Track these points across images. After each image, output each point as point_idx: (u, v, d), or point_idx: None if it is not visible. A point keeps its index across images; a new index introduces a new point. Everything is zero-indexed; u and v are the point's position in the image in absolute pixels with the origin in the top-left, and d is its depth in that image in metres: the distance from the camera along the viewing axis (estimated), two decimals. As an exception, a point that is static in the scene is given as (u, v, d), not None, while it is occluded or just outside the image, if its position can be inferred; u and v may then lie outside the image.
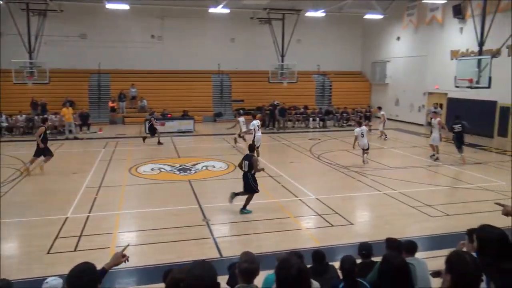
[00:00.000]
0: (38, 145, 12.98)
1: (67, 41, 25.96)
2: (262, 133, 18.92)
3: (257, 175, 9.42)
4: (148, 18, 27.09)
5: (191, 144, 19.75)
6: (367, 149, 14.59)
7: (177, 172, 13.44)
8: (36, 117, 21.52)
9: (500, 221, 8.52)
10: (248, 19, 26.70)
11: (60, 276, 4.00)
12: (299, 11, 24.97)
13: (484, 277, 2.75)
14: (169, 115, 23.56)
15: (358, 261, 4.86)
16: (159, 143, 18.41)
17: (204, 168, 14.04)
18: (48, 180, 12.34)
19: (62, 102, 22.14)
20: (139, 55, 27.30)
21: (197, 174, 13.24)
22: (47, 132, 13.84)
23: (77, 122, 21.61)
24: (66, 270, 2.66)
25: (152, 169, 13.83)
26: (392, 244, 4.94)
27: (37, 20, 22.30)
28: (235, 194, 9.55)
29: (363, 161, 14.52)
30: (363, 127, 14.99)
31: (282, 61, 25.70)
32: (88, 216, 9.12)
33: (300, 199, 10.44)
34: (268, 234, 8.31)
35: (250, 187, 9.40)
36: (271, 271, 4.48)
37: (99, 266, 2.77)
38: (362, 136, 14.48)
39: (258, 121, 15.88)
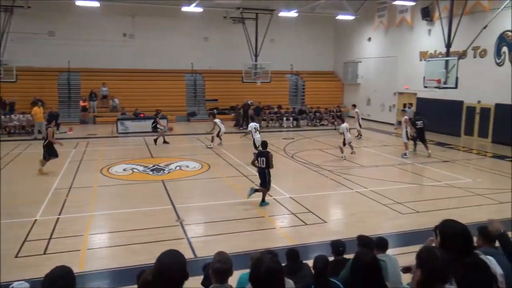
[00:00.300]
0: (46, 146, 12.85)
1: (35, 39, 25.22)
2: (235, 132, 19.00)
3: (228, 175, 9.44)
4: (119, 16, 26.63)
5: (164, 144, 19.54)
6: (350, 142, 15.93)
7: (150, 173, 13.28)
8: (3, 117, 20.83)
9: (466, 217, 8.82)
10: (221, 18, 26.62)
11: (28, 280, 3.89)
12: (272, 11, 25.07)
13: None
14: (141, 115, 23.24)
15: (332, 258, 4.93)
16: (165, 142, 18.55)
17: (177, 168, 13.93)
18: (16, 182, 11.97)
19: (30, 101, 21.49)
20: (110, 54, 26.81)
21: (171, 174, 13.12)
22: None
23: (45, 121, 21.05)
24: (34, 274, 2.61)
25: (124, 170, 13.61)
26: (363, 241, 5.03)
27: (3, 17, 21.57)
28: (255, 190, 9.90)
29: (352, 152, 16.02)
30: (346, 124, 16.13)
31: (256, 61, 25.75)
32: (58, 219, 8.90)
33: (274, 198, 10.49)
34: (243, 233, 8.32)
35: (265, 183, 9.87)
36: (246, 271, 4.50)
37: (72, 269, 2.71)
38: (347, 131, 15.60)
39: (255, 124, 16.38)
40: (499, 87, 18.67)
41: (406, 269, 4.50)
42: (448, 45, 17.88)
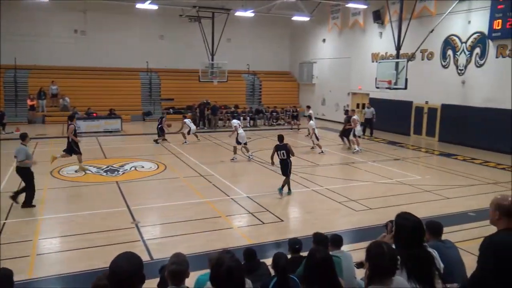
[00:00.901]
0: (73, 142, 13.12)
1: (-22, 34, 23.84)
2: (192, 133, 18.88)
3: (185, 175, 9.37)
4: (70, 12, 25.68)
5: (119, 144, 19.06)
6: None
7: (104, 174, 12.91)
8: None
9: (415, 213, 9.19)
10: (177, 16, 26.28)
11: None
12: (228, 11, 25.04)
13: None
14: (94, 114, 22.53)
15: (289, 256, 5.01)
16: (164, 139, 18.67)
17: (132, 168, 13.62)
18: (-43, 186, 11.27)
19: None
20: (60, 51, 25.78)
21: (125, 175, 12.81)
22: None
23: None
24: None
25: (76, 171, 13.15)
26: (319, 238, 5.15)
27: None
28: (282, 187, 10.68)
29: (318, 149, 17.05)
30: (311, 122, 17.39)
31: (212, 60, 25.64)
32: (4, 223, 8.47)
33: (231, 198, 10.51)
34: (200, 234, 8.27)
35: (287, 172, 10.77)
36: (204, 272, 4.49)
37: (19, 275, 2.60)
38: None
39: (238, 121, 16.78)
40: (445, 88, 19.65)
41: (360, 264, 4.66)
42: (398, 48, 18.61)
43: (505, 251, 3.04)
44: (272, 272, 4.39)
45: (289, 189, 11.00)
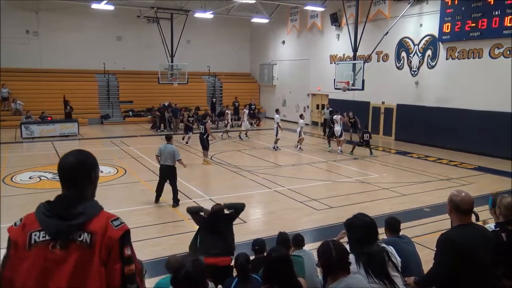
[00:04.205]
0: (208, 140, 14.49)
1: None
2: (152, 135, 18.57)
3: (146, 179, 9.21)
4: (21, 12, 24.64)
5: (75, 148, 18.46)
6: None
7: (61, 180, 12.44)
8: None
9: (375, 210, 9.49)
10: (135, 17, 25.82)
11: None
12: (187, 12, 24.86)
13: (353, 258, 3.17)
14: (49, 118, 21.72)
15: (253, 257, 5.05)
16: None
17: (91, 173, 13.21)
18: None
19: None
20: (11, 52, 24.63)
21: (84, 180, 12.41)
22: None
23: None
24: None
25: (30, 178, 12.63)
26: (282, 239, 5.21)
27: None
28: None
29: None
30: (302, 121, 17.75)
31: (172, 62, 25.37)
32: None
33: (193, 201, 10.42)
34: (163, 238, 8.17)
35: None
36: (165, 276, 4.43)
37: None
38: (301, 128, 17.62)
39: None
40: (400, 88, 20.37)
41: (321, 263, 4.75)
42: (355, 49, 19.11)
43: (461, 248, 3.22)
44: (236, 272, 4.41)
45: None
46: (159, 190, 10.18)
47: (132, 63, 27.83)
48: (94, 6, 22.26)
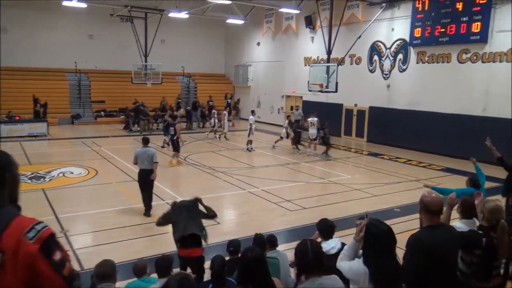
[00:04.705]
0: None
1: None
2: (125, 135, 18.28)
3: (118, 180, 9.05)
4: (-14, 7, 23.79)
5: (45, 149, 18.00)
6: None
7: (29, 181, 12.10)
8: None
9: (347, 210, 9.61)
10: (108, 15, 25.36)
11: None
12: (162, 11, 24.61)
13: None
14: (17, 117, 21.08)
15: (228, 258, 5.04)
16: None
17: (60, 175, 12.91)
18: None
19: None
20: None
21: (53, 181, 12.12)
22: None
23: None
24: None
25: None
26: (258, 240, 5.22)
27: None
28: None
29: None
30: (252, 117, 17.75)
31: (146, 61, 25.05)
32: None
33: (167, 202, 10.31)
34: (135, 240, 8.05)
35: None
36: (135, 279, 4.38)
37: None
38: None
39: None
40: (372, 91, 20.75)
41: (294, 263, 4.79)
42: (329, 52, 19.35)
43: (430, 249, 3.28)
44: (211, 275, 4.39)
45: None
46: (146, 200, 9.44)
47: (105, 62, 27.31)
48: (66, 3, 21.74)
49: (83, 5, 22.20)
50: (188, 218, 5.97)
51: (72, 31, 26.36)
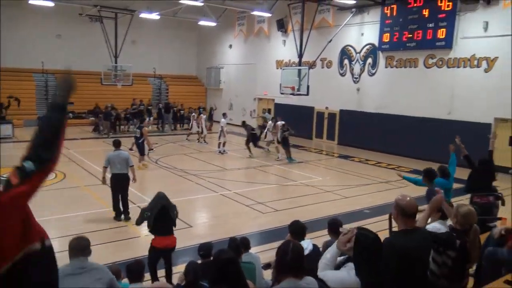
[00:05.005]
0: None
1: None
2: (94, 138, 17.89)
3: (86, 183, 8.86)
4: None
5: (10, 152, 17.38)
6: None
7: (-8, 185, 11.67)
8: None
9: (319, 212, 9.72)
10: (76, 15, 24.79)
11: None
12: (132, 12, 24.27)
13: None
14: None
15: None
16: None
17: (26, 178, 12.49)
18: None
19: None
20: None
21: (18, 185, 11.71)
22: None
23: None
24: None
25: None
26: (232, 243, 5.21)
27: None
28: None
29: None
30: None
31: (116, 62, 24.62)
32: None
33: (138, 206, 10.17)
34: (105, 245, 7.90)
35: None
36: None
37: None
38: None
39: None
40: (342, 94, 21.11)
41: (267, 266, 4.83)
42: (300, 56, 19.55)
43: (403, 253, 3.31)
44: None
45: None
46: (118, 205, 9.20)
47: (73, 62, 26.56)
48: (32, 1, 21.12)
49: (51, 4, 21.62)
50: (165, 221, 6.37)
51: (39, 31, 25.63)
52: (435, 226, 4.22)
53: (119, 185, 9.20)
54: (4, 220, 1.70)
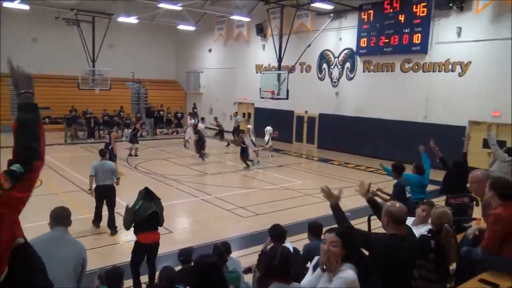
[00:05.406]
0: None
1: None
2: (73, 143, 17.62)
3: (64, 190, 8.68)
4: None
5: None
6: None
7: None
8: None
9: (300, 215, 9.78)
10: (53, 18, 24.38)
11: None
12: (110, 16, 24.01)
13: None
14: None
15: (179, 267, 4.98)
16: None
17: None
18: None
19: None
20: None
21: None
22: None
23: None
24: None
25: None
26: (218, 251, 5.19)
27: None
28: None
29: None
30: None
31: (93, 67, 24.29)
32: None
33: (117, 212, 10.04)
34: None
35: None
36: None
37: None
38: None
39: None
40: (321, 98, 21.32)
41: (248, 270, 4.83)
42: (280, 60, 19.70)
43: (396, 257, 3.35)
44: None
45: None
46: (99, 215, 8.96)
47: (50, 66, 26.17)
48: (6, 4, 20.67)
49: (26, 7, 21.22)
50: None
51: (13, 34, 25.05)
52: (426, 228, 4.33)
53: (104, 198, 8.86)
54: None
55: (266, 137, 18.34)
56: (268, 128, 18.61)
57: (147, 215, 6.21)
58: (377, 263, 3.42)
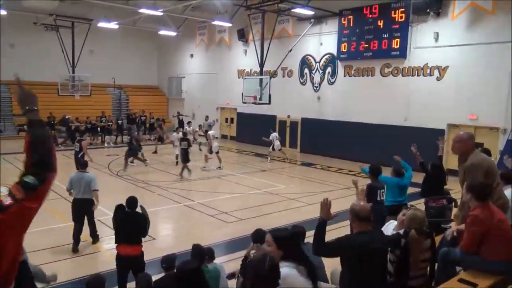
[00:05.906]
0: None
1: None
2: (60, 150, 17.20)
3: (47, 197, 8.49)
4: None
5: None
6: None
7: None
8: None
9: (283, 219, 9.83)
10: (31, 24, 24.00)
11: None
12: (90, 21, 23.77)
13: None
14: None
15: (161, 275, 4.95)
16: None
17: (-22, 194, 11.93)
18: None
19: None
20: None
21: (-31, 202, 11.14)
22: None
23: None
24: None
25: None
26: (197, 250, 5.17)
27: None
28: None
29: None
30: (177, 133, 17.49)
31: (73, 73, 23.99)
32: None
33: (98, 219, 9.91)
34: (64, 261, 7.64)
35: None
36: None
37: None
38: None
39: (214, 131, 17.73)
40: (303, 103, 21.47)
41: (231, 275, 4.83)
42: (262, 65, 19.79)
43: (363, 252, 3.56)
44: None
45: None
46: (78, 234, 8.16)
47: (28, 73, 25.64)
48: (-18, 10, 20.31)
49: (3, 12, 20.86)
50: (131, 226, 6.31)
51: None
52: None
53: (81, 212, 8.31)
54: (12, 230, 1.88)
55: (277, 142, 18.65)
56: (274, 134, 19.04)
57: (124, 226, 6.20)
58: (353, 263, 3.63)
